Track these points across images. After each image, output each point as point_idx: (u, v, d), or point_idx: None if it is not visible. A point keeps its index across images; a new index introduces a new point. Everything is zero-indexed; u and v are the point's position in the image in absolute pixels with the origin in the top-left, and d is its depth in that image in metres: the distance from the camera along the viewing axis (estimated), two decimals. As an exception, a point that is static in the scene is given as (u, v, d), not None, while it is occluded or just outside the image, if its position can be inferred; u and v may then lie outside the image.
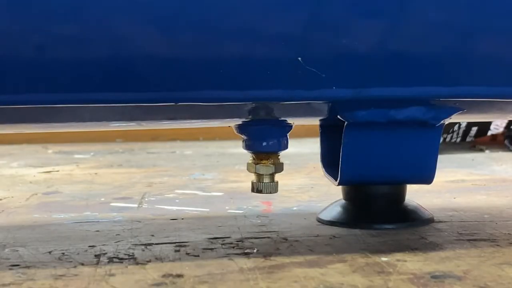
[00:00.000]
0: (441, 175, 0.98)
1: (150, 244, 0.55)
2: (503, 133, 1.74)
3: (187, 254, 0.52)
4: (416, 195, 0.79)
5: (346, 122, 0.55)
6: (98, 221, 0.66)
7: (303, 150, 1.52)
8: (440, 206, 0.75)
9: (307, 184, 0.95)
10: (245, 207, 0.74)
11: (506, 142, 1.71)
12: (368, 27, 0.46)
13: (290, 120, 0.60)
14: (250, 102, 0.51)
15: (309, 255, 0.51)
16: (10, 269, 0.48)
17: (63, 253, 0.52)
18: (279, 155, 0.61)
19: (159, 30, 0.45)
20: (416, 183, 0.66)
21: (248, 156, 0.61)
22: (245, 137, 0.61)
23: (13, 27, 0.43)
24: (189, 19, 0.44)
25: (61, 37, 0.44)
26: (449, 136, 1.71)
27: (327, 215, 0.64)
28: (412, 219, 0.63)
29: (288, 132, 0.61)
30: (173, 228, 0.62)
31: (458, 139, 1.73)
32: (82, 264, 0.49)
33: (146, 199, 0.82)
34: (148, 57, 0.45)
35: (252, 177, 0.61)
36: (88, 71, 0.46)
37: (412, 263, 0.48)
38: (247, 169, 0.61)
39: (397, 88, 0.49)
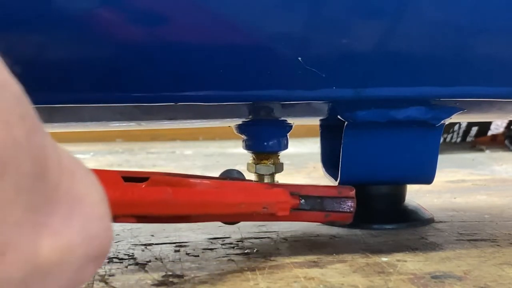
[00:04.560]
0: (441, 175, 0.98)
1: (150, 244, 0.55)
2: (503, 133, 1.74)
3: (187, 254, 0.52)
4: (416, 195, 0.79)
5: (346, 122, 0.55)
6: (98, 221, 0.66)
7: (303, 150, 1.52)
8: (440, 206, 0.75)
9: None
10: (245, 207, 0.74)
11: (506, 142, 1.71)
12: (368, 27, 0.46)
13: (290, 120, 0.60)
14: (250, 102, 0.51)
15: (309, 255, 0.51)
16: (10, 269, 0.48)
17: (63, 253, 0.52)
18: (279, 155, 0.61)
19: (158, 27, 0.45)
20: (417, 183, 0.65)
21: (248, 156, 0.61)
22: (245, 137, 0.61)
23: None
24: (190, 17, 0.44)
25: (62, 38, 0.44)
26: (449, 136, 1.71)
27: (327, 215, 0.64)
28: (412, 219, 0.63)
29: (288, 132, 0.61)
30: (173, 228, 0.62)
31: (458, 139, 1.73)
32: (82, 264, 0.49)
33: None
34: (148, 57, 0.45)
35: (252, 177, 0.61)
36: (88, 70, 0.46)
37: (413, 263, 0.48)
38: (247, 169, 0.61)
39: (397, 88, 0.49)
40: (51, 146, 0.20)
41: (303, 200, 0.50)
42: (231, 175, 0.51)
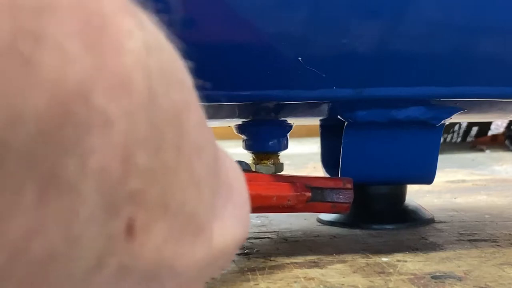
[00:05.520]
0: (441, 175, 0.98)
1: (150, 245, 0.55)
2: (503, 133, 1.74)
3: (187, 254, 0.52)
4: (416, 195, 0.79)
5: (346, 122, 0.55)
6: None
7: (303, 150, 1.52)
8: (441, 206, 0.75)
9: (307, 184, 0.95)
10: (245, 207, 0.74)
11: (506, 142, 1.71)
12: (368, 27, 0.46)
13: (290, 120, 0.60)
14: (250, 102, 0.51)
15: (309, 256, 0.50)
16: (10, 269, 0.48)
17: (62, 254, 0.52)
18: (279, 155, 0.61)
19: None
20: (417, 183, 0.65)
21: (248, 156, 0.61)
22: (245, 137, 0.61)
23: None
24: (189, 17, 0.44)
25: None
26: (449, 136, 1.71)
27: (327, 216, 0.64)
28: (413, 219, 0.63)
29: (288, 132, 0.61)
30: (173, 228, 0.62)
31: (459, 139, 1.73)
32: (82, 265, 0.48)
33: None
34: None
35: (252, 177, 0.61)
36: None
37: (413, 263, 0.48)
38: (247, 169, 0.61)
39: (397, 88, 0.49)
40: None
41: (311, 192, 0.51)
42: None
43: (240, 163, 0.51)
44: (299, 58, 0.46)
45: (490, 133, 1.73)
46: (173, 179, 0.15)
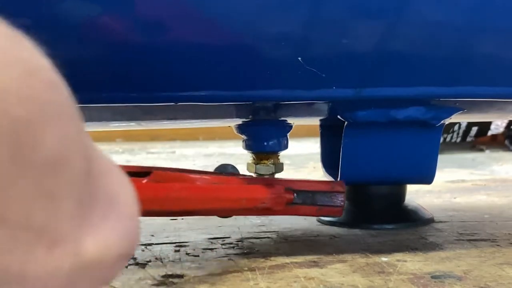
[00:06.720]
0: (441, 175, 0.98)
1: (150, 244, 0.55)
2: (503, 133, 1.74)
3: (187, 254, 0.52)
4: (416, 195, 0.79)
5: (346, 122, 0.55)
6: (98, 221, 0.66)
7: (303, 150, 1.52)
8: (440, 206, 0.75)
9: (307, 184, 0.94)
10: (245, 207, 0.74)
11: (506, 142, 1.71)
12: (368, 27, 0.46)
13: (290, 120, 0.60)
14: (250, 102, 0.51)
15: (309, 255, 0.51)
16: (10, 269, 0.48)
17: (63, 253, 0.52)
18: (279, 155, 0.61)
19: (158, 27, 0.45)
20: (416, 183, 0.65)
21: (248, 156, 0.61)
22: (245, 137, 0.61)
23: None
24: (189, 18, 0.44)
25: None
26: (449, 136, 1.71)
27: (327, 215, 0.64)
28: (412, 219, 0.63)
29: (288, 132, 0.61)
30: (173, 228, 0.62)
31: (458, 139, 1.73)
32: (82, 264, 0.49)
33: (146, 199, 0.82)
34: (148, 57, 0.45)
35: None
36: (88, 70, 0.46)
37: (412, 263, 0.48)
38: (247, 169, 0.61)
39: (397, 88, 0.49)
40: (92, 144, 0.21)
41: (295, 195, 0.51)
42: (226, 170, 0.51)
43: (226, 166, 0.51)
44: (299, 58, 0.46)
45: (490, 133, 1.73)
46: (6, 193, 0.16)
